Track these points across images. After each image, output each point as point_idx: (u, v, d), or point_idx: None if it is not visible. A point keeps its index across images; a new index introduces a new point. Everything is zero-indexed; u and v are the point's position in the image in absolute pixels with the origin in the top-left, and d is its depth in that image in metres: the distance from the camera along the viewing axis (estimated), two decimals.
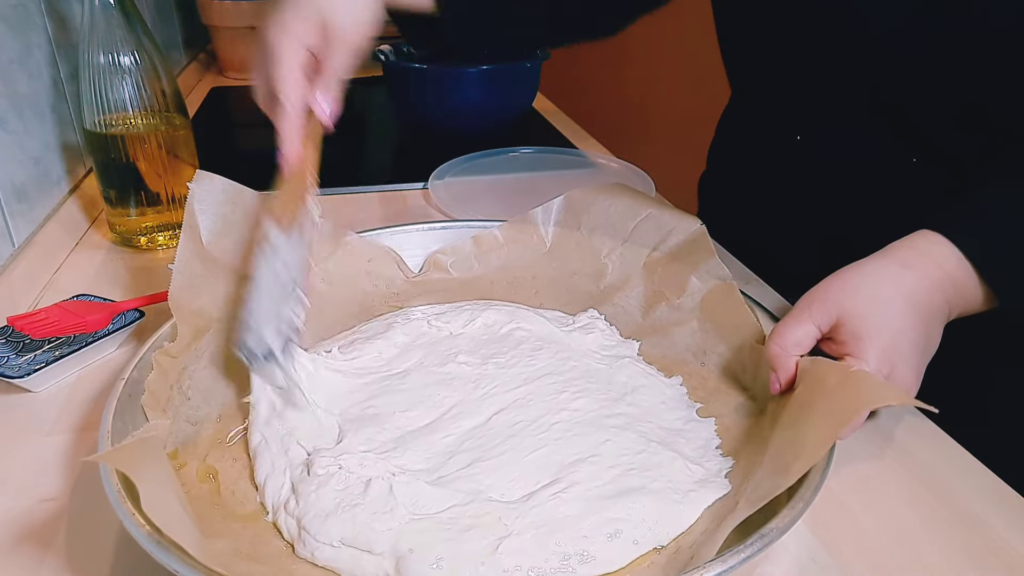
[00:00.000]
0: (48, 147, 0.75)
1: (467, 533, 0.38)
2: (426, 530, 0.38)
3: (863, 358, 0.42)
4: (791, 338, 0.45)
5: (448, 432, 0.45)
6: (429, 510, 0.39)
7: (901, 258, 0.46)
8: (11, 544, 0.39)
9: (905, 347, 0.43)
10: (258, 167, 0.56)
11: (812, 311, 0.45)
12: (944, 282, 0.45)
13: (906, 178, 0.58)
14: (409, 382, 0.50)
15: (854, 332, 0.43)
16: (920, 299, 0.44)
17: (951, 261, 0.46)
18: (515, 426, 0.46)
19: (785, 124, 0.65)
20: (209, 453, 0.44)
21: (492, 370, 0.51)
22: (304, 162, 0.51)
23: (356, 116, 1.28)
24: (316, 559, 0.38)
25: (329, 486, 0.40)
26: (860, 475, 0.45)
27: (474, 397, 0.49)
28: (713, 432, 0.47)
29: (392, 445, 0.44)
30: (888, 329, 0.43)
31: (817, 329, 0.45)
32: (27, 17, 0.73)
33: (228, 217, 0.53)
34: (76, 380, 0.53)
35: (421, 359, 0.53)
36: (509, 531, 0.38)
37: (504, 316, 0.57)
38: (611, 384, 0.50)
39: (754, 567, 0.38)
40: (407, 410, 0.47)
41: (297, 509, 0.39)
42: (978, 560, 0.39)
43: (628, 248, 0.59)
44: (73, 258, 0.71)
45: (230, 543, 0.38)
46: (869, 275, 0.45)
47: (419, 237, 0.63)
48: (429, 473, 0.42)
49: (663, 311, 0.56)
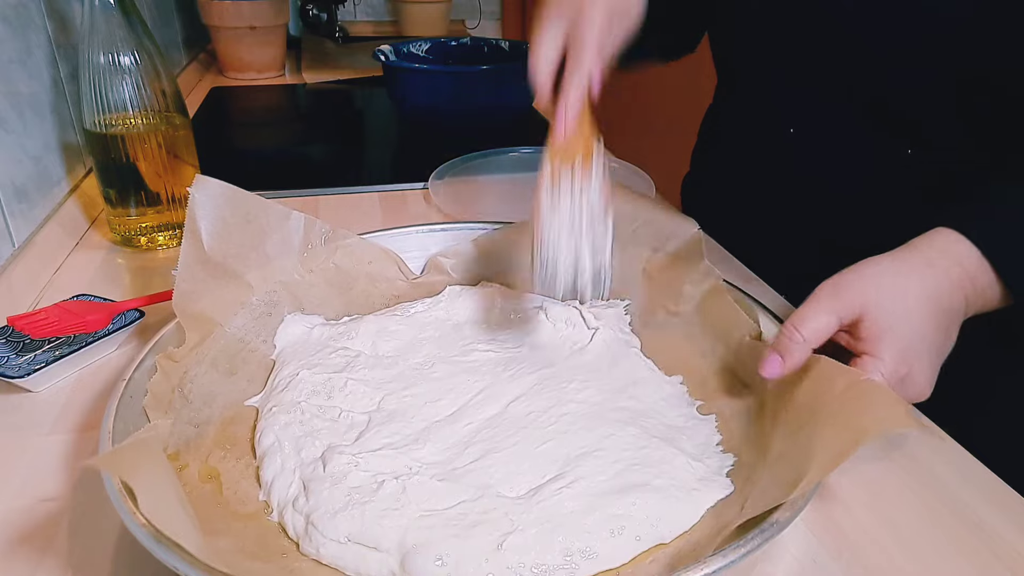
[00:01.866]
0: (48, 147, 0.75)
1: (473, 529, 0.38)
2: (432, 527, 0.38)
3: (881, 357, 0.42)
4: (811, 325, 0.43)
5: (470, 420, 0.47)
6: (438, 506, 0.39)
7: (925, 256, 0.45)
8: (11, 544, 0.39)
9: (923, 348, 0.43)
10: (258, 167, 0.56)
11: (835, 302, 0.44)
12: (963, 280, 0.45)
13: (899, 170, 0.58)
14: (438, 371, 0.52)
15: (875, 330, 0.43)
16: (942, 299, 0.44)
17: (971, 259, 0.45)
18: (528, 416, 0.47)
19: (777, 118, 0.66)
20: (211, 454, 0.45)
21: (512, 352, 0.53)
22: (585, 113, 0.51)
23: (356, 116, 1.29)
24: (321, 555, 0.38)
25: (343, 484, 0.40)
26: (860, 475, 0.45)
27: (502, 379, 0.50)
28: (714, 429, 0.47)
29: (414, 438, 0.45)
30: (910, 330, 0.43)
31: (839, 321, 0.44)
32: (27, 17, 0.73)
33: (228, 221, 0.53)
34: (76, 380, 0.53)
35: (437, 351, 0.54)
36: (515, 527, 0.38)
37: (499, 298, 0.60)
38: (612, 375, 0.51)
39: (753, 567, 0.38)
40: (437, 399, 0.48)
41: (307, 505, 0.40)
42: (978, 560, 0.39)
43: (627, 252, 0.59)
44: (73, 258, 0.71)
45: (233, 541, 0.38)
46: (896, 273, 0.44)
47: (420, 239, 0.63)
48: (443, 466, 0.43)
49: (661, 317, 0.56)
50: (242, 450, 0.46)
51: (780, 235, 0.68)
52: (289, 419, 0.46)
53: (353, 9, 2.02)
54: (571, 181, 0.49)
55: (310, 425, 0.46)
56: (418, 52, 1.16)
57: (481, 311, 0.59)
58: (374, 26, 2.01)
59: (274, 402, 0.48)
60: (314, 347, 0.54)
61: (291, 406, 0.47)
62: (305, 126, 1.26)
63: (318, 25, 1.71)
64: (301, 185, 0.88)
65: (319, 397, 0.48)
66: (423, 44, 1.17)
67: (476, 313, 0.58)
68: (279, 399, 0.48)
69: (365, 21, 2.04)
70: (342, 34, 1.75)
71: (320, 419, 0.46)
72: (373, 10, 2.05)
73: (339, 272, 0.59)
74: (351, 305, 0.60)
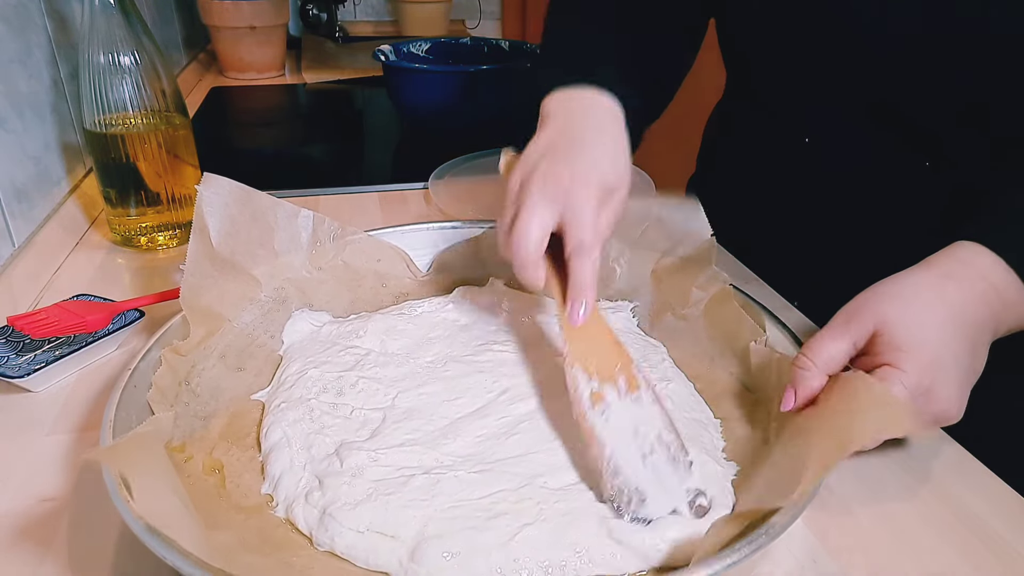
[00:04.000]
0: (48, 147, 0.75)
1: (493, 520, 0.38)
2: (455, 517, 0.38)
3: (902, 369, 0.40)
4: (823, 354, 0.42)
5: (502, 415, 0.46)
6: (472, 495, 0.40)
7: (944, 269, 0.43)
8: (11, 544, 0.39)
9: (948, 360, 0.41)
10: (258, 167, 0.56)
11: (849, 326, 0.42)
12: (989, 294, 0.43)
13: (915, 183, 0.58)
14: (452, 370, 0.51)
15: (892, 343, 0.41)
16: (965, 311, 0.42)
17: (996, 273, 0.43)
18: (564, 413, 0.46)
19: (791, 126, 0.65)
20: (216, 447, 0.45)
21: (532, 354, 0.52)
22: (598, 312, 0.47)
23: (356, 116, 1.29)
24: (336, 545, 0.38)
25: (363, 477, 0.41)
26: (860, 475, 0.44)
27: (527, 379, 0.50)
28: (718, 434, 0.47)
29: (441, 433, 0.45)
30: (929, 340, 0.40)
31: (852, 346, 0.42)
32: (27, 17, 0.73)
33: (236, 218, 0.53)
34: (76, 380, 0.53)
35: (448, 350, 0.53)
36: (537, 518, 0.38)
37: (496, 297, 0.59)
38: (647, 369, 0.51)
39: (754, 567, 0.38)
40: (456, 398, 0.48)
41: (323, 499, 0.40)
42: (978, 560, 0.39)
43: (636, 253, 0.59)
44: (73, 258, 0.71)
45: (234, 534, 0.38)
46: (910, 285, 0.43)
47: (428, 236, 0.64)
48: (479, 458, 0.43)
49: (669, 321, 0.56)
50: (247, 443, 0.46)
51: (788, 241, 0.67)
52: (298, 415, 0.46)
53: (353, 9, 2.02)
54: (620, 396, 0.44)
55: (320, 422, 0.46)
56: (418, 52, 1.16)
57: (489, 313, 0.58)
58: (374, 26, 2.01)
59: (282, 398, 0.48)
60: (322, 345, 0.54)
61: (300, 403, 0.47)
62: (305, 126, 1.26)
63: (318, 25, 1.71)
64: (301, 185, 0.88)
65: (329, 394, 0.48)
66: (423, 44, 1.17)
67: (484, 314, 0.58)
68: (287, 395, 0.48)
69: (365, 21, 2.04)
70: (342, 34, 1.75)
71: (331, 416, 0.46)
72: (373, 10, 2.05)
73: (347, 269, 0.59)
74: (359, 302, 0.60)
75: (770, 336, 0.50)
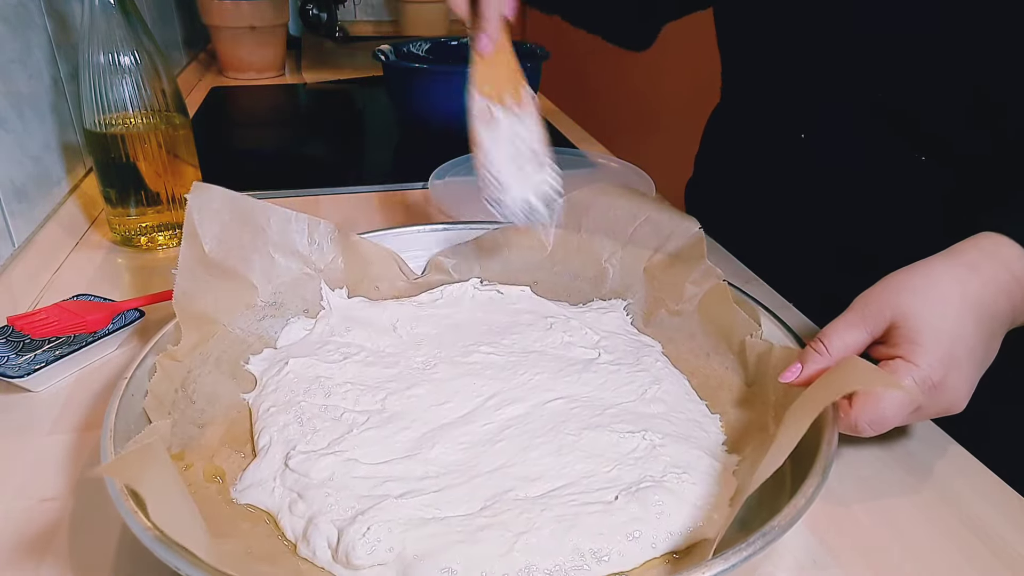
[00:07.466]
0: (48, 147, 0.75)
1: (480, 533, 0.37)
2: (434, 535, 0.37)
3: (916, 362, 0.40)
4: (838, 340, 0.42)
5: (487, 421, 0.46)
6: (446, 514, 0.39)
7: (967, 260, 0.43)
8: (11, 544, 0.39)
9: (962, 355, 0.41)
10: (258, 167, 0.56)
11: (865, 315, 0.42)
12: (1011, 285, 0.43)
13: (912, 178, 0.58)
14: (440, 372, 0.51)
15: (909, 335, 0.41)
16: (985, 304, 0.42)
17: (1019, 263, 0.43)
18: (553, 416, 0.47)
19: (787, 123, 0.65)
20: (216, 454, 0.44)
21: (519, 357, 0.53)
22: (506, 43, 0.58)
23: (356, 116, 1.29)
24: (316, 559, 0.37)
25: (345, 491, 0.40)
26: (860, 475, 0.45)
27: (516, 382, 0.50)
28: (719, 429, 0.47)
29: (422, 441, 0.45)
30: (947, 334, 0.40)
31: (869, 335, 0.42)
32: (27, 17, 0.73)
33: (228, 224, 0.53)
34: (76, 380, 0.53)
35: (437, 350, 0.54)
36: (531, 526, 0.38)
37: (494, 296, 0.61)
38: (633, 376, 0.51)
39: (755, 567, 0.38)
40: (444, 402, 0.48)
41: (308, 511, 0.39)
42: (978, 560, 0.39)
43: (628, 251, 0.59)
44: (73, 258, 0.71)
45: (240, 543, 0.38)
46: (930, 276, 0.42)
47: (421, 239, 0.64)
48: (460, 468, 0.42)
49: (663, 317, 0.57)
50: (248, 451, 0.45)
51: (786, 240, 0.67)
52: (288, 419, 0.46)
53: (353, 9, 2.01)
54: (505, 112, 0.57)
55: (309, 425, 0.46)
56: (418, 52, 1.16)
57: (481, 312, 0.59)
58: (374, 26, 2.01)
59: (270, 402, 0.48)
60: (313, 345, 0.54)
61: (289, 406, 0.47)
62: (305, 126, 1.26)
63: (318, 25, 1.71)
64: (301, 185, 0.88)
65: (317, 396, 0.48)
66: (423, 44, 1.17)
67: (476, 314, 0.58)
68: (275, 399, 0.48)
69: (365, 21, 2.04)
70: (342, 34, 1.75)
71: (320, 419, 0.46)
72: (373, 10, 2.05)
73: (343, 272, 0.59)
74: None
75: (766, 331, 0.50)
